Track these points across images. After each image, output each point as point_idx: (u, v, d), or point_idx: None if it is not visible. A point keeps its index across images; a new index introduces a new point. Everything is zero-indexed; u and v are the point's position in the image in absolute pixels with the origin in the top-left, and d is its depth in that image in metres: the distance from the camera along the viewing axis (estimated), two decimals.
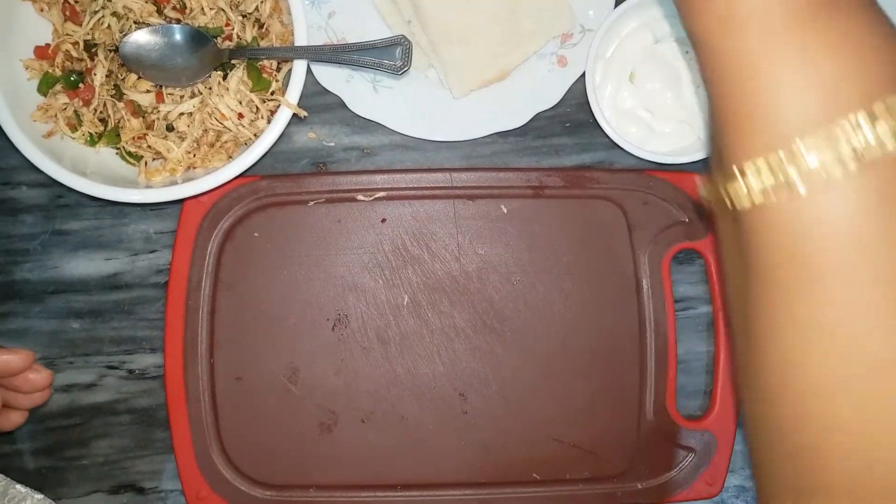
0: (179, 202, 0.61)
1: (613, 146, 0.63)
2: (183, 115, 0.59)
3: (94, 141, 0.60)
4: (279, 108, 0.57)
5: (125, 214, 0.64)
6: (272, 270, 0.62)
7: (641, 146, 0.62)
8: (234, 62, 0.59)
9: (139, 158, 0.60)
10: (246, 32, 0.59)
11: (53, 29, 0.60)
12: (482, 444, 0.62)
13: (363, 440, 0.61)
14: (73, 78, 0.58)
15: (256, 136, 0.58)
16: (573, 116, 0.65)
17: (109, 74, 0.59)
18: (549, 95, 0.63)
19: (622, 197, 0.63)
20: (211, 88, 0.59)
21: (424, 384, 0.62)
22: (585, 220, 0.63)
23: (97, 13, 0.58)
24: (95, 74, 0.58)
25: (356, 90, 0.63)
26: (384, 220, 0.63)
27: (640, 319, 0.62)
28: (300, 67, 0.57)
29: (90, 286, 0.64)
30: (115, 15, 0.58)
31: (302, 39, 0.57)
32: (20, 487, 0.60)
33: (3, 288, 0.64)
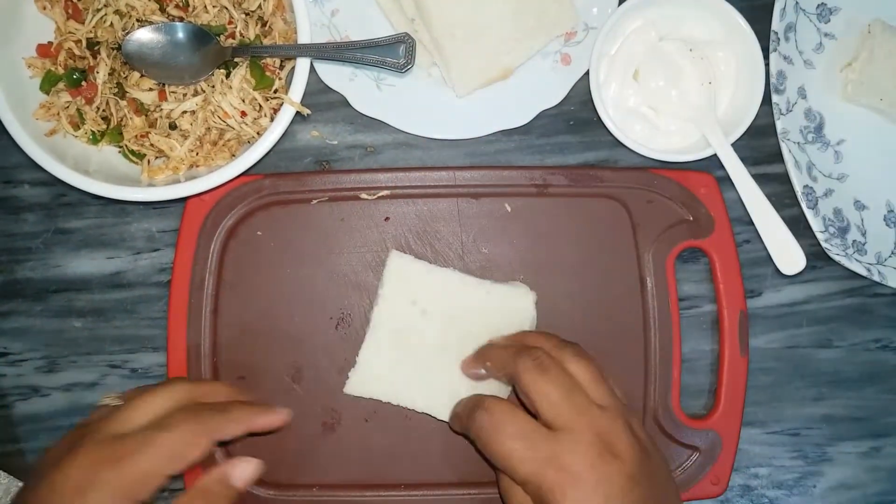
0: (182, 200, 0.61)
1: (617, 144, 0.62)
2: (186, 113, 0.59)
3: (96, 139, 0.60)
4: (282, 106, 0.57)
5: (128, 213, 0.64)
6: (275, 269, 0.62)
7: (645, 144, 0.62)
8: (236, 60, 0.59)
9: (142, 157, 0.60)
10: (249, 30, 0.59)
11: (56, 27, 0.59)
12: None
13: (366, 439, 0.61)
14: (75, 76, 0.58)
15: (259, 134, 0.58)
16: (577, 115, 0.65)
17: (112, 72, 0.59)
18: (552, 93, 0.63)
19: (626, 195, 0.63)
20: (214, 86, 0.59)
21: None
22: (589, 218, 0.63)
23: (100, 11, 0.58)
24: (98, 72, 0.58)
25: (359, 88, 0.62)
26: (387, 218, 0.63)
27: (643, 318, 0.62)
28: (303, 65, 0.57)
29: (92, 285, 0.64)
30: (117, 13, 0.58)
31: (305, 37, 0.57)
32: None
33: (5, 286, 0.64)
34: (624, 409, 0.50)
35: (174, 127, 0.59)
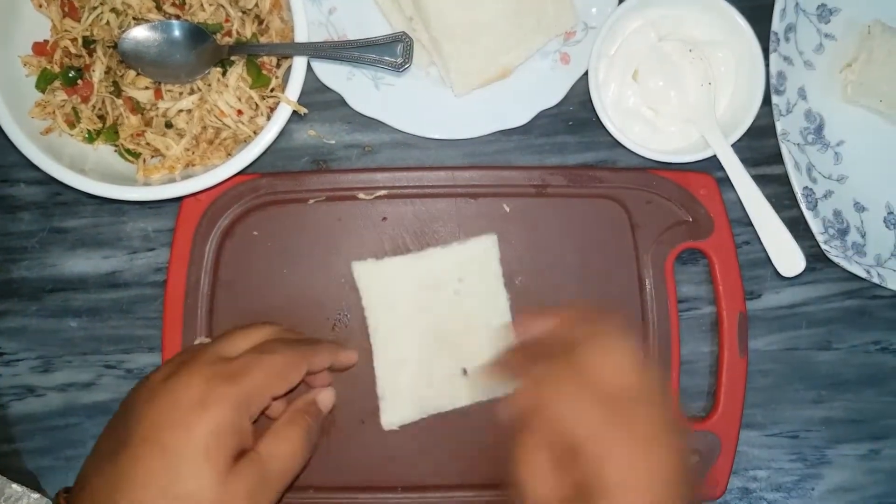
0: (178, 200, 0.61)
1: (616, 145, 0.62)
2: (182, 111, 0.59)
3: (92, 138, 0.59)
4: (279, 105, 0.57)
5: (123, 212, 0.64)
6: (272, 269, 0.62)
7: (645, 145, 0.62)
8: (233, 59, 0.58)
9: (138, 156, 0.60)
10: (245, 28, 0.59)
11: (52, 25, 0.59)
12: (484, 445, 0.61)
13: (363, 441, 0.61)
14: (71, 74, 0.58)
15: (256, 133, 0.57)
16: (576, 115, 0.65)
17: (108, 71, 0.58)
18: (551, 93, 0.63)
19: (625, 196, 0.62)
20: (210, 85, 0.58)
21: None
22: (588, 219, 0.63)
23: (96, 9, 0.58)
24: (94, 71, 0.58)
25: (357, 87, 0.62)
26: (385, 218, 0.62)
27: (643, 319, 0.62)
28: (300, 64, 0.57)
29: (88, 284, 0.63)
30: (113, 11, 0.58)
31: (302, 36, 0.57)
32: (17, 487, 0.60)
33: (0, 286, 0.63)
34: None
35: (170, 126, 0.59)
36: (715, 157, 0.62)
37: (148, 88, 0.59)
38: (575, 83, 0.63)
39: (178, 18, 0.58)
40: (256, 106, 0.59)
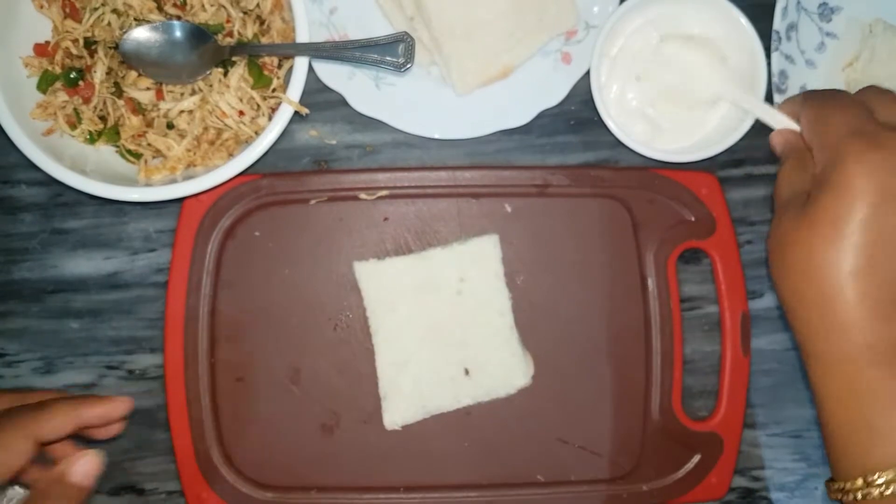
0: (179, 201, 0.61)
1: (618, 144, 0.62)
2: (183, 112, 0.59)
3: (93, 139, 0.59)
4: (280, 105, 0.57)
5: (125, 213, 0.64)
6: (273, 270, 0.61)
7: (647, 144, 0.62)
8: (234, 59, 0.58)
9: (139, 156, 0.60)
10: (247, 29, 0.59)
11: (53, 26, 0.59)
12: (485, 445, 0.61)
13: (365, 441, 0.61)
14: (72, 75, 0.58)
15: (257, 133, 0.57)
16: (578, 114, 0.65)
17: (109, 72, 0.58)
18: (553, 93, 0.63)
19: (627, 195, 0.62)
20: (211, 86, 0.58)
21: None
22: (590, 218, 0.62)
23: (97, 10, 0.58)
24: (95, 72, 0.58)
25: (358, 87, 0.62)
26: (386, 218, 0.62)
27: (645, 319, 0.62)
28: (302, 64, 0.57)
29: (89, 285, 0.63)
30: (115, 12, 0.58)
31: (303, 36, 0.57)
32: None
33: (1, 287, 0.63)
34: None
35: (171, 126, 0.59)
36: (716, 156, 0.61)
37: (149, 89, 0.59)
38: (577, 82, 0.63)
39: (179, 19, 0.58)
40: (258, 106, 0.59)
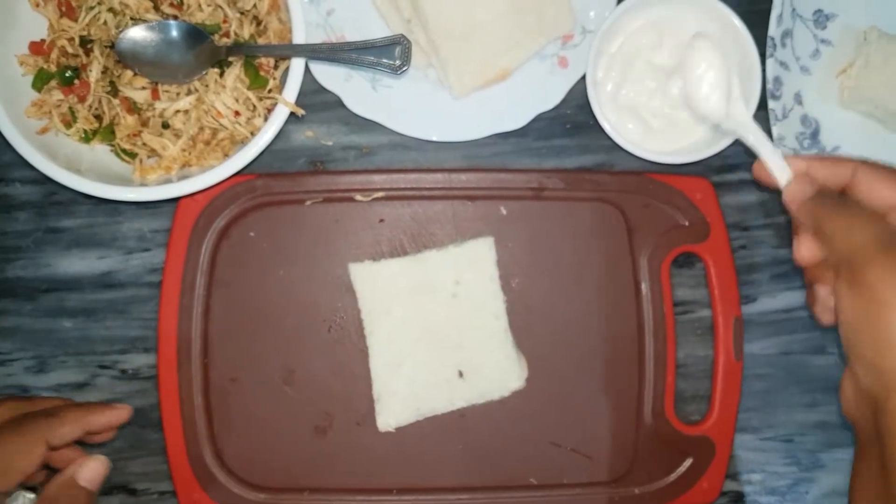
0: (174, 200, 0.60)
1: (614, 148, 0.62)
2: (179, 112, 0.58)
3: (88, 138, 0.59)
4: (276, 106, 0.57)
5: (119, 212, 0.64)
6: (268, 270, 0.61)
7: (641, 146, 0.62)
8: (231, 59, 0.58)
9: (134, 156, 0.59)
10: (243, 29, 0.59)
11: (49, 24, 0.59)
12: (479, 447, 0.61)
13: (359, 443, 0.61)
14: (68, 74, 0.58)
15: (253, 134, 0.57)
16: (574, 118, 0.65)
17: (105, 71, 0.58)
18: (549, 96, 0.63)
19: (622, 199, 0.62)
20: (207, 86, 0.58)
21: None
22: (585, 222, 0.63)
23: (93, 9, 0.58)
24: (91, 71, 0.58)
25: (355, 89, 0.62)
26: (382, 220, 0.62)
27: (638, 323, 0.62)
28: (298, 65, 0.57)
29: (83, 284, 0.63)
30: (111, 11, 0.58)
31: (300, 37, 0.57)
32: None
33: None
34: None
35: (167, 126, 0.59)
36: (711, 160, 0.62)
37: (145, 88, 0.58)
38: (573, 86, 0.63)
39: (175, 19, 0.58)
40: (254, 107, 0.59)
